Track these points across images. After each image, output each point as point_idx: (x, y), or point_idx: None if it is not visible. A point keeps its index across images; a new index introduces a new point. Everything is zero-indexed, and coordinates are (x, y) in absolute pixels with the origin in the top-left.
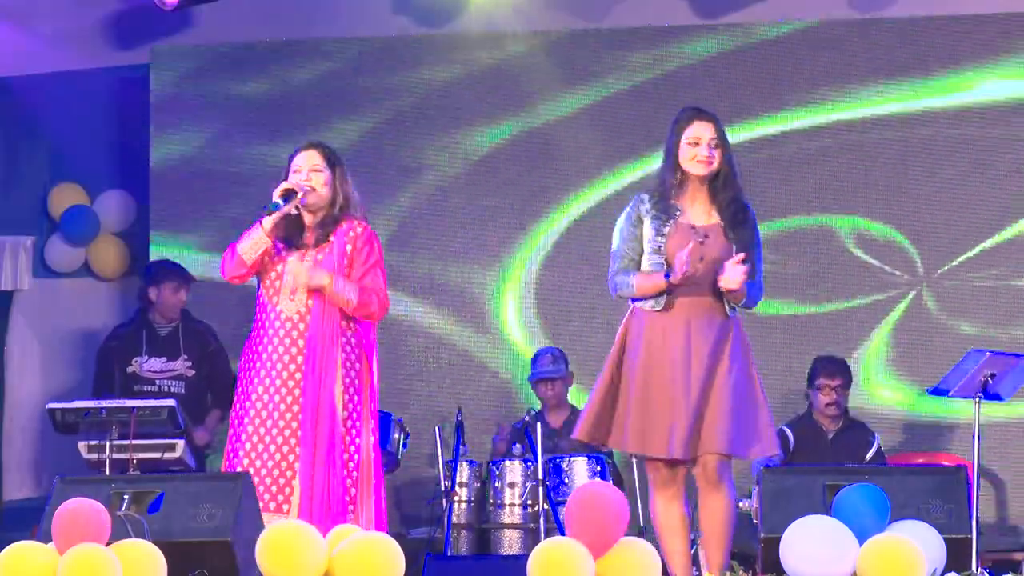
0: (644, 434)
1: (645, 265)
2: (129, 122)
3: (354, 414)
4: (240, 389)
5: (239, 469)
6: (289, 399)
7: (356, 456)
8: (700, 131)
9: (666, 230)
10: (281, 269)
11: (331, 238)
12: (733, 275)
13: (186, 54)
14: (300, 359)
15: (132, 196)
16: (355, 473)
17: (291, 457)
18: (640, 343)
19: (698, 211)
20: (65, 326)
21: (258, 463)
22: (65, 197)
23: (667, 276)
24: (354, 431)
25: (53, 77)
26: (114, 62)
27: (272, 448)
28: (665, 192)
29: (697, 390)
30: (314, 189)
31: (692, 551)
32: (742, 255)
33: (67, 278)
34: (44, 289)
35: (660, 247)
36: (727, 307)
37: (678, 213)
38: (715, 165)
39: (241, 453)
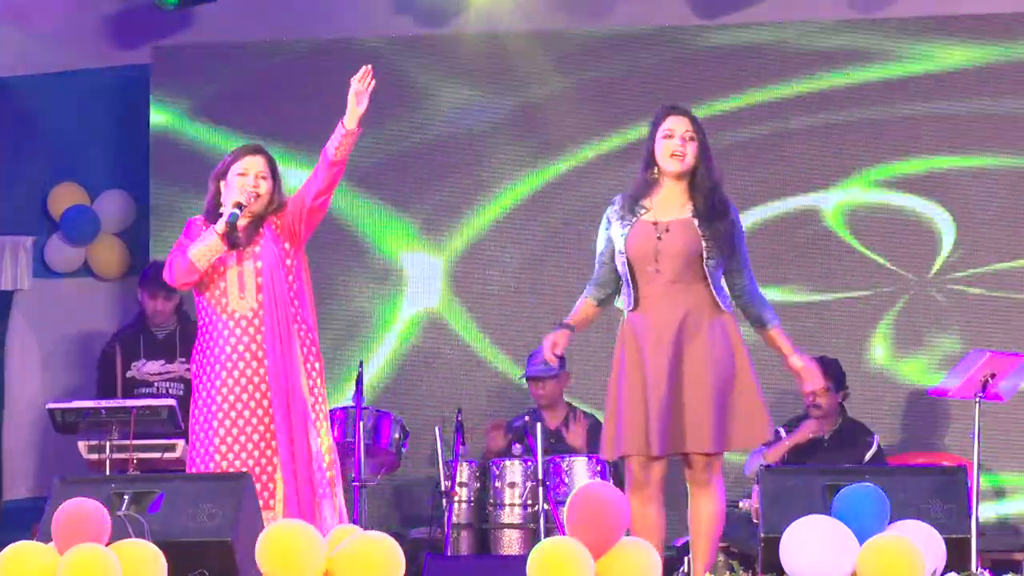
0: (622, 435)
1: (618, 264)
2: (129, 122)
3: (318, 405)
4: (196, 395)
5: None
6: (257, 395)
7: (325, 445)
8: (673, 124)
9: (626, 229)
10: (223, 271)
11: (261, 229)
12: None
13: (186, 54)
14: (260, 354)
15: (132, 196)
16: (328, 460)
17: (269, 453)
18: (623, 349)
19: (667, 207)
20: (65, 326)
21: (237, 463)
22: (65, 197)
23: (560, 325)
24: (319, 422)
25: (53, 77)
26: (114, 62)
27: (250, 446)
28: (636, 191)
29: (665, 383)
30: (260, 196)
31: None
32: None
33: (67, 278)
34: (44, 289)
35: (621, 247)
36: (714, 299)
37: (642, 211)
38: (689, 160)
39: (218, 457)
